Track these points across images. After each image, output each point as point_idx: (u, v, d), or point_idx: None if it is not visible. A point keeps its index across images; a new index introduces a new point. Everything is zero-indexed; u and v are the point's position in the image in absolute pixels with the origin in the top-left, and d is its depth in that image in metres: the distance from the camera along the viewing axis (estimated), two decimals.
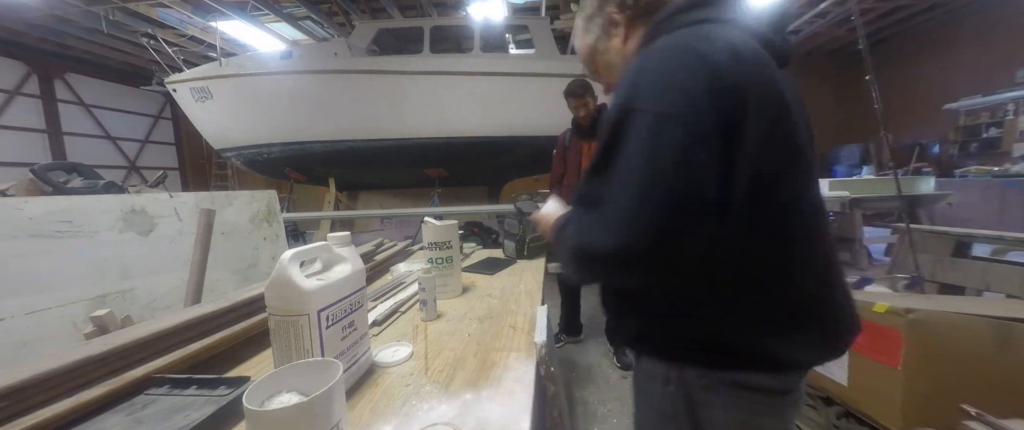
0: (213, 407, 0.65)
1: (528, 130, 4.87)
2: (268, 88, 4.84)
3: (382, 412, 0.67)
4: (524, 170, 5.82)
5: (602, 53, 0.75)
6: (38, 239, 1.30)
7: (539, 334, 0.88)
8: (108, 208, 1.48)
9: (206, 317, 0.92)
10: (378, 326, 1.05)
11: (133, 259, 1.50)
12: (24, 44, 7.40)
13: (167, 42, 5.43)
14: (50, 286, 1.30)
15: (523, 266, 1.69)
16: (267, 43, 5.81)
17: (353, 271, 0.78)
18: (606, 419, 1.96)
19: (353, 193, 6.06)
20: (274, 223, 2.12)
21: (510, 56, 5.45)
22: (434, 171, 5.35)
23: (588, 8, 0.77)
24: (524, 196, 1.79)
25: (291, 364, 0.58)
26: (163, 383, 0.73)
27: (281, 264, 0.66)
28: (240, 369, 0.85)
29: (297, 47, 5.40)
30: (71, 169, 2.40)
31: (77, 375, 0.69)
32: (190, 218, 1.68)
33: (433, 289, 1.09)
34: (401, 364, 0.83)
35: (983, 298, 2.13)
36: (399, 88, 4.74)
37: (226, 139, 5.38)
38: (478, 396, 0.70)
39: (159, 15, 5.59)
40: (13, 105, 7.51)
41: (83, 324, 1.27)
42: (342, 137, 4.94)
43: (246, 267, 1.92)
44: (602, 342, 2.68)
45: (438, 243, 1.29)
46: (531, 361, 0.82)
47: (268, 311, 0.67)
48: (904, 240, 2.52)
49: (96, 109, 8.81)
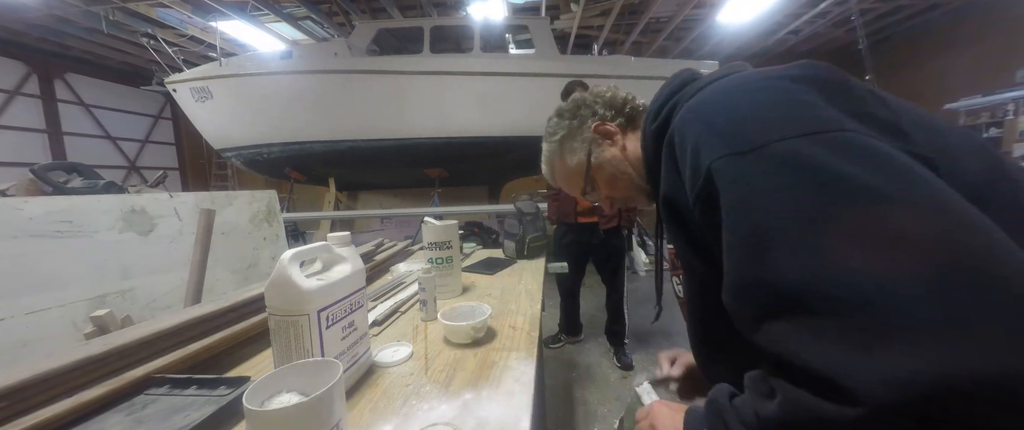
0: (213, 407, 0.65)
1: (528, 130, 4.87)
2: (268, 88, 4.84)
3: (382, 412, 0.67)
4: (524, 170, 5.81)
5: (601, 167, 0.71)
6: (38, 239, 1.29)
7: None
8: (108, 208, 1.48)
9: (206, 317, 0.92)
10: (378, 326, 1.05)
11: (133, 259, 1.50)
12: (24, 44, 7.40)
13: (167, 42, 5.43)
14: (50, 286, 1.30)
15: (523, 266, 1.69)
16: (267, 43, 5.81)
17: (353, 271, 0.78)
18: (606, 419, 1.96)
19: (353, 193, 6.06)
20: (274, 223, 2.12)
21: (510, 56, 5.45)
22: (434, 171, 5.35)
23: (560, 131, 0.76)
24: (524, 196, 1.79)
25: (291, 364, 0.58)
26: (163, 383, 0.73)
27: (281, 264, 0.65)
28: (240, 369, 0.84)
29: (297, 47, 5.40)
30: (71, 169, 2.40)
31: (77, 375, 0.69)
32: (190, 218, 1.68)
33: (433, 289, 1.09)
34: (401, 364, 0.83)
35: None
36: (399, 88, 4.74)
37: (226, 139, 5.38)
38: (478, 396, 0.70)
39: (159, 15, 5.58)
40: (13, 105, 7.50)
41: (83, 324, 1.27)
42: (342, 137, 4.94)
43: (246, 267, 1.92)
44: (602, 342, 2.68)
45: (438, 243, 1.29)
46: (531, 361, 0.82)
47: (268, 311, 0.67)
48: None
49: (96, 109, 8.80)
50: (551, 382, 2.30)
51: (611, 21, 6.57)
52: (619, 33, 7.52)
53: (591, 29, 7.13)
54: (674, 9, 6.47)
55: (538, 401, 0.73)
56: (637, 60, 5.42)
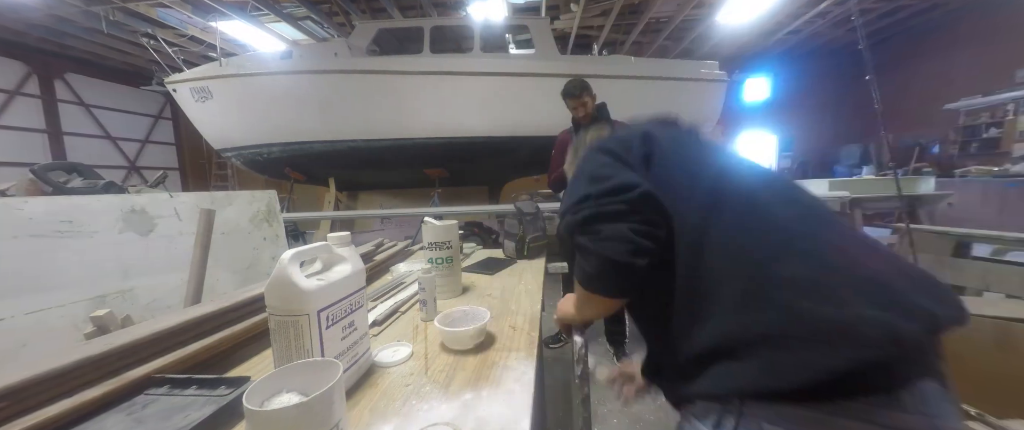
0: (213, 407, 0.65)
1: (528, 130, 4.87)
2: (268, 88, 4.83)
3: (382, 412, 0.67)
4: (524, 170, 5.82)
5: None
6: (38, 239, 1.29)
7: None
8: (108, 208, 1.48)
9: (206, 317, 0.92)
10: (378, 326, 1.05)
11: (133, 259, 1.50)
12: (24, 44, 7.40)
13: (167, 42, 5.43)
14: (50, 286, 1.29)
15: (523, 266, 1.69)
16: (267, 43, 5.81)
17: (353, 271, 0.78)
18: (606, 419, 1.95)
19: (353, 193, 6.06)
20: (274, 223, 2.12)
21: (510, 56, 5.45)
22: (434, 171, 5.35)
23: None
24: (524, 196, 1.79)
25: (291, 364, 0.58)
26: (163, 383, 0.73)
27: (281, 264, 0.65)
28: (240, 369, 0.84)
29: (297, 47, 5.40)
30: (71, 169, 2.40)
31: (77, 375, 0.69)
32: (190, 218, 1.68)
33: (433, 289, 1.09)
34: (401, 364, 0.83)
35: (983, 298, 2.13)
36: (399, 88, 4.74)
37: (226, 139, 5.38)
38: (478, 396, 0.70)
39: (159, 15, 5.59)
40: (13, 105, 7.51)
41: (83, 324, 1.26)
42: (342, 137, 4.94)
43: (246, 267, 1.91)
44: (602, 342, 2.68)
45: (438, 243, 1.29)
46: (531, 361, 0.82)
47: (268, 311, 0.67)
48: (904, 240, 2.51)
49: (96, 109, 8.81)
50: (551, 382, 2.29)
51: (611, 21, 6.57)
52: (619, 33, 7.53)
53: (591, 29, 7.13)
54: (674, 9, 6.47)
55: (538, 401, 0.73)
56: (637, 60, 5.42)
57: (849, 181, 4.67)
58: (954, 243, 2.40)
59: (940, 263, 2.41)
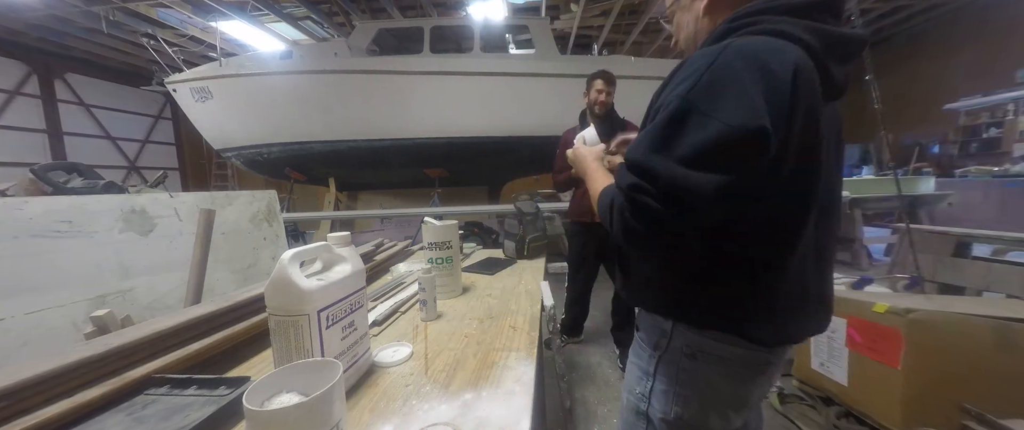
0: (213, 407, 0.65)
1: (528, 130, 4.87)
2: (268, 88, 4.84)
3: (382, 412, 0.67)
4: (524, 170, 5.82)
5: (683, 8, 0.79)
6: (38, 239, 1.30)
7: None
8: (108, 208, 1.48)
9: (206, 317, 0.92)
10: (378, 326, 1.05)
11: (133, 259, 1.50)
12: (24, 44, 7.40)
13: (167, 42, 5.44)
14: (50, 286, 1.30)
15: (523, 266, 1.69)
16: (267, 43, 5.81)
17: (353, 271, 0.78)
18: (606, 419, 1.96)
19: (353, 193, 6.06)
20: (274, 223, 2.12)
21: (510, 56, 5.45)
22: (434, 171, 5.35)
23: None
24: (524, 196, 1.79)
25: (291, 364, 0.58)
26: (163, 383, 0.73)
27: (281, 264, 0.65)
28: (240, 369, 0.85)
29: (297, 47, 5.40)
30: (71, 169, 2.40)
31: (77, 375, 0.69)
32: (190, 218, 1.68)
33: (433, 289, 1.09)
34: (401, 364, 0.83)
35: (983, 298, 2.13)
36: (399, 88, 4.74)
37: (226, 139, 5.38)
38: (478, 396, 0.70)
39: (159, 15, 5.59)
40: (13, 105, 7.51)
41: (83, 324, 1.27)
42: (342, 137, 4.94)
43: (246, 267, 1.92)
44: (602, 343, 2.68)
45: (438, 243, 1.29)
46: (531, 361, 0.82)
47: (268, 311, 0.67)
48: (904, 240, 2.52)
49: (96, 109, 8.81)
50: (551, 382, 2.30)
51: (611, 21, 6.57)
52: (619, 33, 7.52)
53: (591, 29, 7.13)
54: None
55: (538, 401, 0.73)
56: (637, 60, 5.42)
57: (849, 181, 4.68)
58: (954, 243, 2.40)
59: (940, 263, 2.41)
